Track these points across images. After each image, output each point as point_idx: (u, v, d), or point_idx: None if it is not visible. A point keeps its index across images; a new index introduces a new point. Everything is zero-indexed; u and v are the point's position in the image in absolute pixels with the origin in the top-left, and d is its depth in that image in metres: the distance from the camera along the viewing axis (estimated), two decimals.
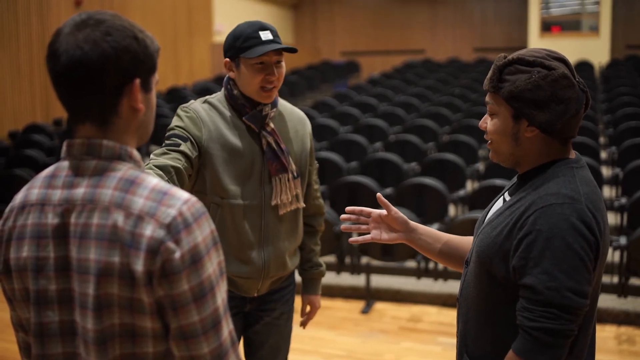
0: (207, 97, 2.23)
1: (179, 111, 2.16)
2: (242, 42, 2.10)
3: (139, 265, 1.08)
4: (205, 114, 2.15)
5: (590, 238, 1.41)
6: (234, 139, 2.15)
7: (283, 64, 2.16)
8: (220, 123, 2.16)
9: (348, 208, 1.92)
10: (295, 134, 2.28)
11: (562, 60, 1.52)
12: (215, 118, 2.16)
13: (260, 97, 2.15)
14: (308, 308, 2.50)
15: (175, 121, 2.15)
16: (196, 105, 2.19)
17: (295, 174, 2.22)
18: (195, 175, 2.14)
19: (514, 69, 1.50)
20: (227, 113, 2.18)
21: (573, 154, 1.57)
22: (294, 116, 2.32)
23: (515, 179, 1.65)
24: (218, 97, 2.23)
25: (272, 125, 2.19)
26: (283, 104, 2.32)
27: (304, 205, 2.31)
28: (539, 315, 1.41)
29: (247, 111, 2.17)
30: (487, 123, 1.60)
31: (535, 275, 1.41)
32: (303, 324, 2.51)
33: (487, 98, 1.57)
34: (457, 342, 1.70)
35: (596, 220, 1.43)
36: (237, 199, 2.15)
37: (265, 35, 2.11)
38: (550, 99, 1.46)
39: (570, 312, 1.40)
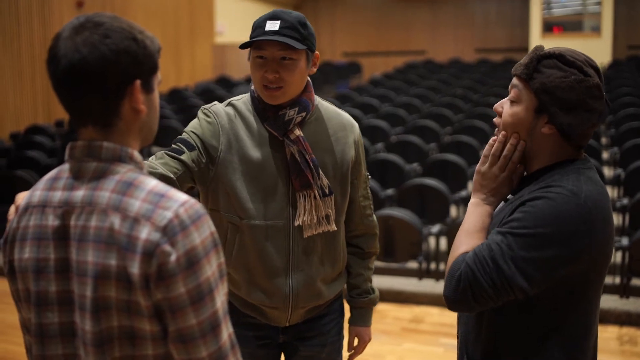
0: (232, 98, 1.98)
1: (199, 113, 1.94)
2: (251, 32, 1.86)
3: (135, 268, 1.07)
4: (227, 120, 1.91)
5: (568, 235, 1.39)
6: (256, 150, 1.89)
7: (297, 62, 1.84)
8: (241, 131, 1.90)
9: None
10: (334, 142, 1.97)
11: (597, 69, 1.50)
12: (237, 125, 1.91)
13: (264, 96, 1.87)
14: (356, 341, 2.19)
15: (192, 124, 1.93)
16: (219, 108, 1.94)
17: (326, 190, 1.92)
18: (205, 190, 1.92)
19: (552, 62, 1.48)
20: (251, 118, 1.92)
21: (581, 156, 1.55)
22: (336, 121, 2.00)
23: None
24: (244, 99, 1.97)
25: (297, 132, 1.89)
26: (326, 107, 2.01)
27: (335, 229, 1.96)
28: (480, 262, 1.42)
29: (269, 115, 1.89)
30: (504, 108, 1.56)
31: (499, 235, 1.43)
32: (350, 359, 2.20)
33: (515, 82, 1.53)
34: (457, 344, 1.69)
35: (592, 218, 1.41)
36: (259, 219, 1.88)
37: (271, 25, 1.82)
38: (579, 104, 1.45)
39: (501, 278, 1.40)
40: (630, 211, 5.24)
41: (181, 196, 1.12)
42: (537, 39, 15.08)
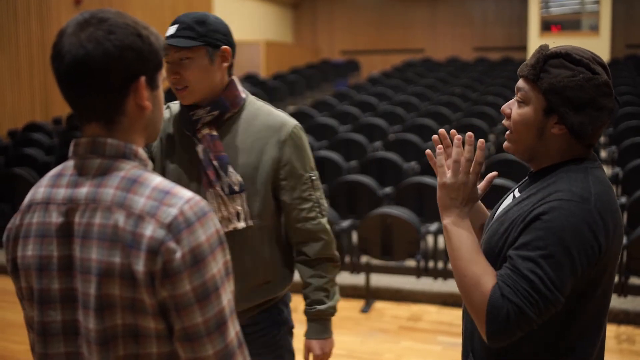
0: (172, 102, 2.07)
1: None
2: None
3: (139, 266, 1.06)
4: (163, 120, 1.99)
5: (591, 243, 1.38)
6: (176, 150, 1.98)
7: (195, 60, 1.86)
8: (169, 131, 2.00)
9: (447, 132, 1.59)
10: (254, 142, 1.94)
11: (604, 66, 1.48)
12: (168, 126, 2.01)
13: (177, 97, 1.94)
14: (310, 357, 2.14)
15: None
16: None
17: (235, 188, 1.90)
18: None
19: (559, 62, 1.46)
20: (178, 119, 2.01)
21: (590, 155, 1.53)
22: (262, 122, 1.96)
23: (526, 178, 1.62)
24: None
25: (205, 131, 1.92)
26: (258, 107, 2.00)
27: (244, 226, 1.93)
28: (523, 296, 1.36)
29: (183, 116, 1.98)
30: (512, 110, 1.54)
31: (530, 262, 1.37)
32: None
33: (521, 84, 1.51)
34: (462, 341, 1.67)
35: (604, 221, 1.40)
36: None
37: (171, 30, 1.89)
38: (588, 102, 1.43)
39: (546, 304, 1.37)
40: (628, 210, 5.25)
41: (186, 193, 1.11)
42: (535, 37, 15.09)
